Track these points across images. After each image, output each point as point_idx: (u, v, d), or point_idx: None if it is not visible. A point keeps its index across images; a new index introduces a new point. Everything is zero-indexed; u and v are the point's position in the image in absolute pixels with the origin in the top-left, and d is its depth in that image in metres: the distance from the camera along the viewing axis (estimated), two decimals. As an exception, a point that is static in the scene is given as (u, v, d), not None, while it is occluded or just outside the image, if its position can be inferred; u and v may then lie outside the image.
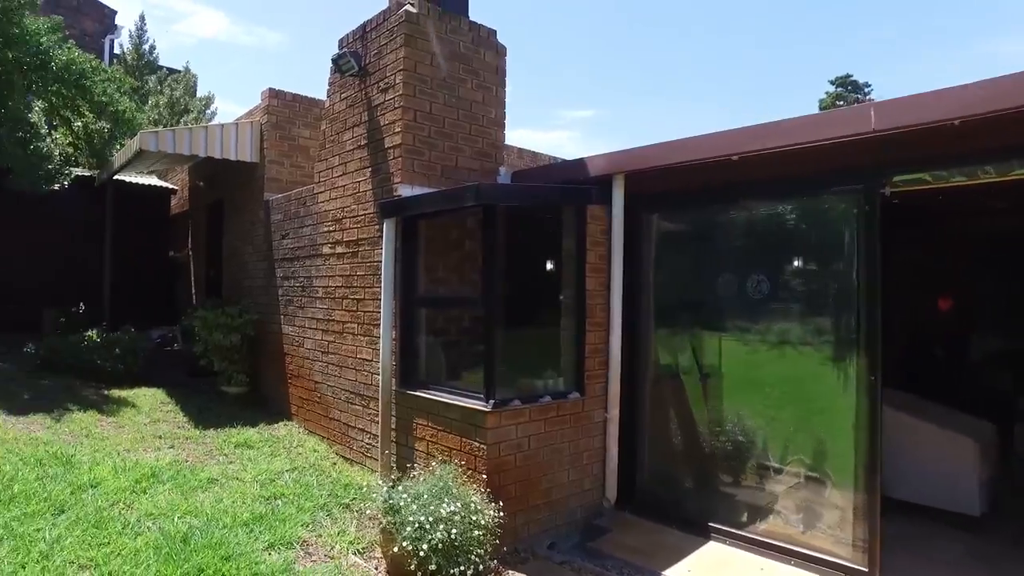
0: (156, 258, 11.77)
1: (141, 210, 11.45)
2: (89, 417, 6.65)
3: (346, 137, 6.33)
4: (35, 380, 7.69)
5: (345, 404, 6.24)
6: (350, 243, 6.18)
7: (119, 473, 5.04)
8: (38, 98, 9.20)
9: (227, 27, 50.96)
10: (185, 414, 7.25)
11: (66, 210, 10.46)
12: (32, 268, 10.38)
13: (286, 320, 7.44)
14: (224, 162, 8.40)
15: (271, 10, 60.01)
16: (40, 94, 9.07)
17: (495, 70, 6.17)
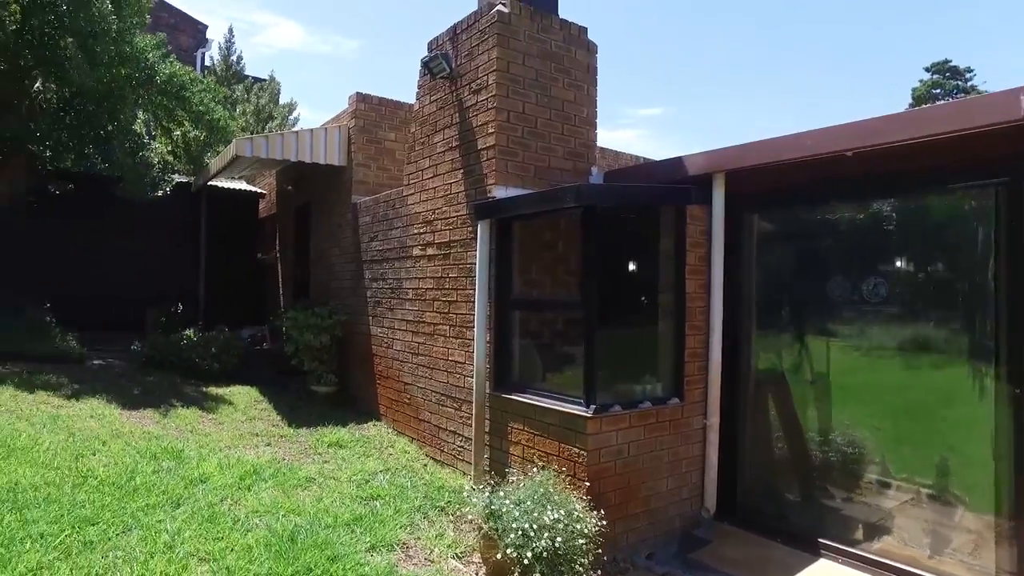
0: (245, 260, 12.20)
1: (232, 214, 11.91)
2: (192, 413, 6.89)
3: (436, 139, 6.34)
4: (143, 376, 8.04)
5: (436, 406, 6.25)
6: (441, 245, 6.19)
7: (224, 470, 5.18)
8: (142, 110, 9.65)
9: (303, 37, 52.73)
10: (278, 412, 7.44)
11: (165, 215, 10.94)
12: (136, 270, 10.92)
13: (374, 321, 7.54)
14: (312, 166, 8.59)
15: (345, 19, 61.68)
16: (145, 106, 9.51)
17: (586, 68, 6.06)
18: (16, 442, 4.80)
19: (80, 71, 8.05)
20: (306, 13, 55.85)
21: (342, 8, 60.47)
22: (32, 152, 9.20)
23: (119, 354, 9.19)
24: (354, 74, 57.38)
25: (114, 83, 8.79)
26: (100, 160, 9.33)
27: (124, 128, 9.13)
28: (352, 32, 61.63)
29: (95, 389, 7.01)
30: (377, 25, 64.51)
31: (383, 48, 66.57)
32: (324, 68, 53.86)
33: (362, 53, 61.78)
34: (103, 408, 6.44)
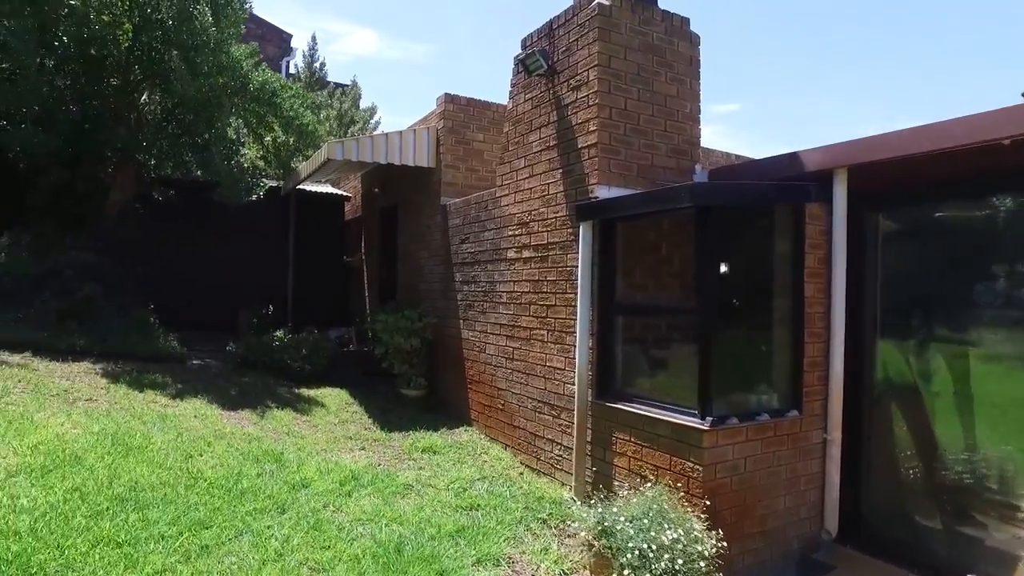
0: (332, 262, 12.42)
1: (319, 217, 12.14)
2: (286, 415, 6.97)
3: (532, 138, 6.18)
4: (239, 377, 8.23)
5: (532, 413, 6.09)
6: (538, 247, 6.02)
7: (324, 474, 5.17)
8: (236, 117, 9.93)
9: (377, 44, 54.05)
10: (369, 415, 7.45)
11: (256, 219, 11.24)
12: (229, 272, 11.26)
13: (465, 325, 7.45)
14: (398, 168, 8.59)
15: (418, 25, 62.72)
16: (238, 114, 9.77)
17: (689, 61, 5.77)
18: (132, 441, 4.91)
19: (183, 82, 8.32)
20: (380, 20, 57.10)
21: (414, 14, 61.54)
22: (139, 161, 9.59)
23: (214, 354, 9.45)
24: (426, 78, 58.29)
25: (211, 92, 9.05)
26: (198, 167, 9.63)
27: (220, 135, 9.41)
28: (423, 37, 62.63)
29: (196, 389, 7.19)
30: (447, 30, 65.34)
31: (453, 52, 67.36)
32: (397, 73, 54.89)
33: (433, 58, 62.72)
34: (205, 408, 6.58)
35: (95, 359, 7.55)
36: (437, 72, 60.01)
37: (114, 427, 5.22)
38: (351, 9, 53.43)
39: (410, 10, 60.72)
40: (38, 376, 6.39)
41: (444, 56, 64.33)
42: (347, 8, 53.00)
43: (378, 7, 56.57)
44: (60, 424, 5.07)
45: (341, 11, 52.49)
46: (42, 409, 5.43)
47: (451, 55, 66.00)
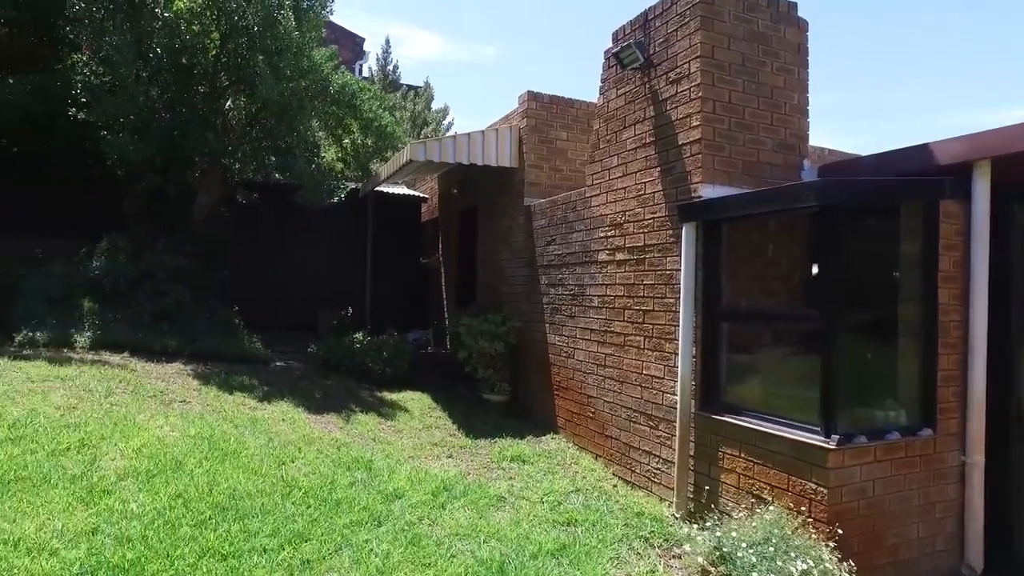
0: (409, 263, 12.42)
1: (396, 218, 12.16)
2: (371, 420, 6.90)
3: (626, 136, 5.90)
4: (321, 380, 8.25)
5: (626, 423, 5.81)
6: (633, 249, 5.74)
7: (415, 484, 5.03)
8: (316, 120, 10.00)
9: (443, 47, 54.59)
10: (453, 421, 7.32)
11: (334, 221, 11.34)
12: (308, 274, 11.41)
13: (552, 329, 7.22)
14: (479, 168, 8.44)
15: (483, 27, 62.97)
16: (318, 116, 9.84)
17: (796, 49, 5.38)
18: (227, 446, 4.90)
19: (268, 86, 8.40)
20: (444, 23, 57.66)
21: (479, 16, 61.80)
22: (224, 166, 9.78)
23: (296, 355, 9.54)
24: (491, 79, 58.53)
25: (293, 96, 9.13)
26: (281, 170, 9.74)
27: (302, 139, 9.49)
28: (490, 40, 62.86)
29: (282, 392, 7.21)
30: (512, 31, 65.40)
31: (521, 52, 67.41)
32: (462, 75, 55.28)
33: (500, 59, 62.96)
34: (292, 411, 6.58)
35: (186, 360, 7.70)
36: (502, 73, 60.16)
37: (209, 431, 5.23)
38: (415, 13, 54.16)
39: (475, 12, 61.05)
40: (136, 377, 6.52)
41: (509, 57, 64.46)
42: (411, 12, 53.76)
43: (443, 10, 57.16)
44: (159, 426, 5.11)
45: (405, 15, 53.26)
46: (142, 411, 5.50)
47: (516, 56, 66.06)
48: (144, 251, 9.29)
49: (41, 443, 4.28)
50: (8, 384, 5.48)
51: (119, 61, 8.62)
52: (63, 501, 3.55)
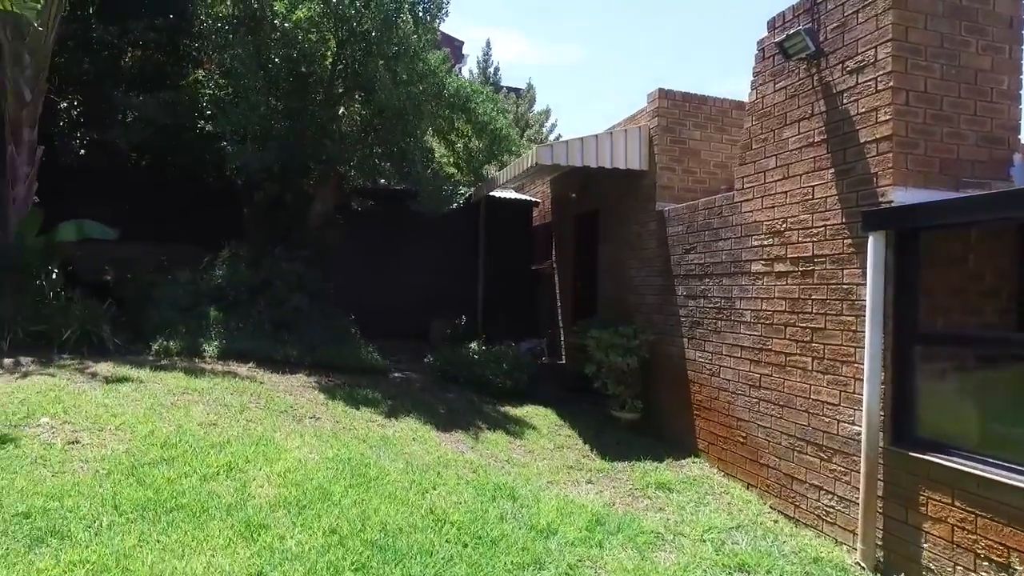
0: (520, 271, 12.09)
1: (507, 224, 11.86)
2: (499, 438, 6.60)
3: (787, 134, 5.32)
4: (442, 392, 8.04)
5: (787, 452, 5.23)
6: (799, 260, 5.15)
7: (565, 517, 4.64)
8: (429, 124, 9.81)
9: (526, 48, 54.54)
10: (584, 440, 6.91)
11: (445, 227, 11.15)
12: (420, 281, 11.27)
13: (691, 344, 6.69)
14: (600, 171, 8.00)
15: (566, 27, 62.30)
16: (431, 120, 9.66)
17: (1008, 23, 4.65)
18: (368, 471, 4.68)
19: (386, 91, 8.27)
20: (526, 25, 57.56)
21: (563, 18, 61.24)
22: (340, 173, 9.77)
23: (411, 365, 9.40)
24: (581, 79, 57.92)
25: (410, 100, 8.98)
26: (399, 176, 9.63)
27: (419, 144, 9.33)
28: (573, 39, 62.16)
29: (405, 406, 7.01)
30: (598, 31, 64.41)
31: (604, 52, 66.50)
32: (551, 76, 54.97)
33: (585, 59, 62.33)
34: (420, 429, 6.35)
35: (308, 371, 7.64)
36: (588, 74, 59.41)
37: (346, 452, 5.03)
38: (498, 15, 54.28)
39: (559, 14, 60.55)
40: (265, 389, 6.47)
41: (594, 57, 63.64)
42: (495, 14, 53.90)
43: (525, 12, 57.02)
44: (298, 447, 4.96)
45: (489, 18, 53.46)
46: (277, 428, 5.39)
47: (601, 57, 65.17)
48: (263, 259, 9.38)
49: (192, 465, 4.17)
50: (154, 397, 5.49)
51: (242, 72, 8.73)
52: (223, 536, 3.37)
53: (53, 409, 4.83)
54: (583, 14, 62.69)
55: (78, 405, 5.02)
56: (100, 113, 11.74)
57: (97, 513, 3.38)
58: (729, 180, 7.70)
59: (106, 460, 4.13)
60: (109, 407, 5.07)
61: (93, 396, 5.29)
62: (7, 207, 8.43)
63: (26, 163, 8.58)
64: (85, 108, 12.15)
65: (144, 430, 4.69)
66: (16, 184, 8.54)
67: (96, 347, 7.22)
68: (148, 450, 4.33)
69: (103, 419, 4.80)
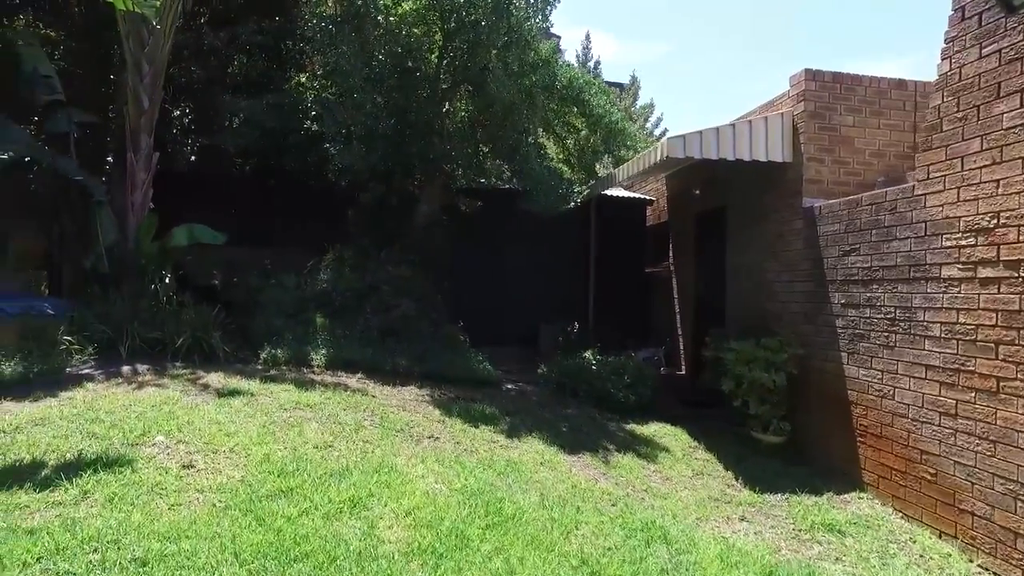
0: (632, 273, 11.30)
1: (618, 223, 11.09)
2: (632, 463, 5.92)
3: (999, 109, 4.38)
4: (560, 407, 7.44)
5: (1002, 498, 4.29)
6: (1015, 264, 4.21)
7: (730, 568, 3.92)
8: (541, 118, 9.24)
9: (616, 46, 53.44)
10: (725, 466, 6.14)
11: (553, 227, 10.57)
12: (527, 285, 10.70)
13: (853, 360, 5.80)
14: (729, 164, 7.16)
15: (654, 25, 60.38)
16: (545, 114, 9.08)
17: None
18: (502, 507, 4.11)
19: (499, 83, 7.76)
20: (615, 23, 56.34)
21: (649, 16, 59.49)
22: (446, 172, 9.36)
23: (522, 375, 8.86)
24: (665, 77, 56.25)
25: (521, 93, 8.44)
26: (510, 174, 9.12)
27: (531, 139, 8.78)
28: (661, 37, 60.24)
29: (525, 424, 6.45)
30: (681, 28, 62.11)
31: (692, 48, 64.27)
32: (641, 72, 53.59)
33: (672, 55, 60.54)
34: (546, 452, 5.76)
35: (418, 382, 7.22)
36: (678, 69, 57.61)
37: (475, 483, 4.49)
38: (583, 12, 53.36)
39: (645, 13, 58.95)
40: (377, 404, 6.06)
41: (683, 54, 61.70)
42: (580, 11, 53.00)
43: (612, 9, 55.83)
44: (422, 476, 4.46)
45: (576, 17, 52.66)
46: (396, 451, 4.93)
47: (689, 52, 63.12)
48: (368, 263, 9.08)
49: (313, 500, 3.73)
50: (266, 414, 5.16)
51: (347, 70, 8.45)
52: (356, 594, 2.88)
53: (168, 426, 4.54)
54: (667, 11, 60.76)
55: (192, 422, 4.72)
56: (209, 119, 11.89)
57: (216, 563, 2.96)
58: (888, 171, 6.73)
59: (222, 491, 3.75)
60: (222, 425, 4.75)
61: (206, 411, 5.00)
62: (127, 213, 8.48)
63: (143, 169, 8.60)
64: (195, 115, 12.36)
65: (259, 453, 4.32)
66: (135, 190, 8.57)
67: (206, 355, 7.05)
68: (265, 479, 3.93)
69: (217, 439, 4.47)
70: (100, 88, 10.95)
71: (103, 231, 8.27)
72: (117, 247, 8.25)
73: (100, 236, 8.24)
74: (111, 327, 6.97)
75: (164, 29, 8.42)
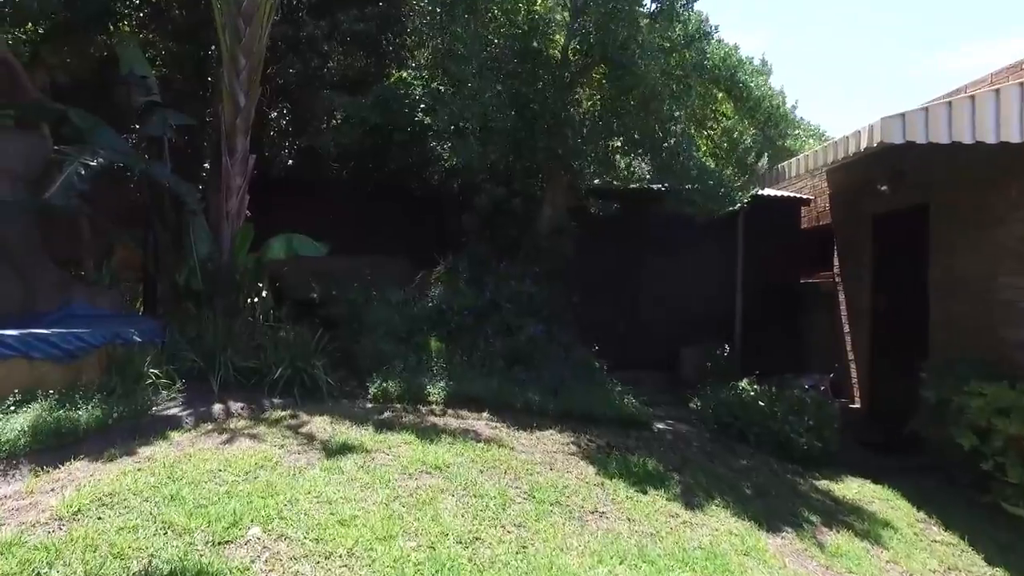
0: (784, 285, 9.60)
1: (766, 227, 9.33)
2: (851, 545, 4.43)
3: None
4: (730, 455, 6.00)
5: None
6: None
7: None
8: (689, 104, 7.77)
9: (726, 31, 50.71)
10: (984, 557, 4.56)
11: (694, 231, 9.08)
12: (664, 299, 9.21)
13: None
14: (930, 152, 5.52)
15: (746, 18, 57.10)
16: (693, 99, 7.63)
17: None
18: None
19: (647, 58, 6.39)
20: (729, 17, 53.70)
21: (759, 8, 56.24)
22: (573, 170, 8.08)
23: (669, 409, 7.46)
24: (776, 67, 53.14)
25: (666, 75, 7.04)
26: (639, 171, 7.75)
27: (678, 128, 7.37)
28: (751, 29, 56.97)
29: (700, 485, 5.06)
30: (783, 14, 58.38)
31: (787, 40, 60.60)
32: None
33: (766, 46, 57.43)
34: (738, 528, 4.37)
35: (556, 423, 5.97)
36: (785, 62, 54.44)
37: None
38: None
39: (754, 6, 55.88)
40: (519, 461, 4.80)
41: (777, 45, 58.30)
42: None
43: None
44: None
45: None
46: (562, 542, 3.66)
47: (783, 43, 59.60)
48: (485, 276, 7.90)
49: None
50: (387, 484, 3.99)
51: (463, 55, 7.32)
52: None
53: (266, 511, 3.42)
54: None
55: (295, 500, 3.61)
56: (306, 121, 11.11)
57: None
58: None
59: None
60: (334, 505, 3.61)
61: (312, 482, 3.87)
62: (221, 222, 7.62)
63: (239, 173, 7.72)
64: (292, 116, 11.61)
65: (386, 557, 3.14)
66: (230, 197, 7.70)
67: (308, 388, 6.03)
68: (401, 609, 2.75)
69: (329, 530, 3.32)
70: (198, 92, 10.32)
71: (197, 242, 7.46)
72: (211, 260, 7.41)
73: (194, 247, 7.43)
74: (203, 354, 6.07)
75: (261, 18, 7.53)
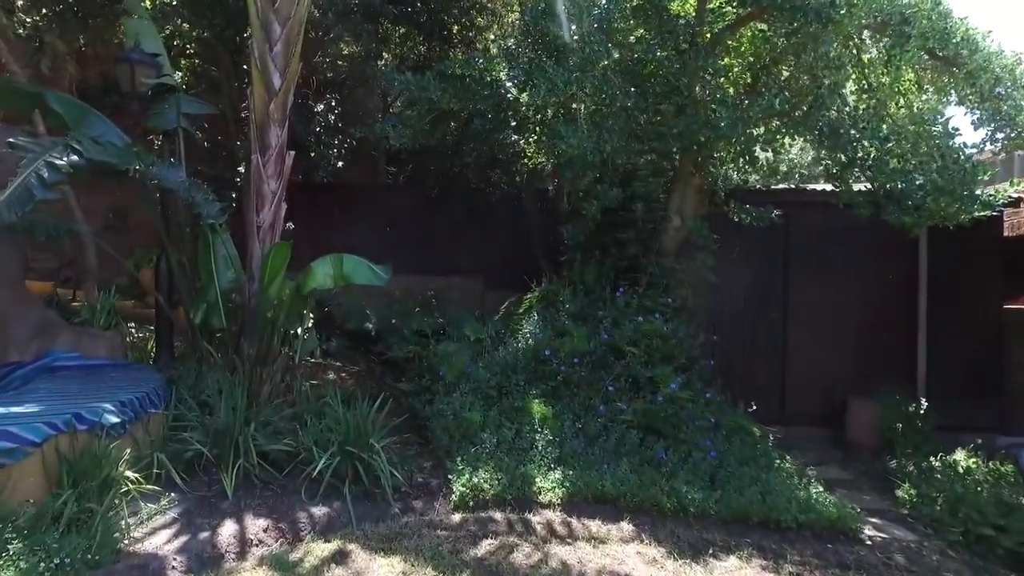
0: (981, 313, 7.20)
1: (959, 239, 6.89)
2: None
3: None
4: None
5: None
6: None
7: None
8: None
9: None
10: None
11: (861, 247, 6.88)
12: (823, 335, 6.90)
13: None
14: None
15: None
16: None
17: None
18: None
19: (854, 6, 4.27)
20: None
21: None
22: (710, 164, 6.00)
23: (853, 491, 5.33)
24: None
25: (864, 27, 4.92)
26: (875, 171, 5.63)
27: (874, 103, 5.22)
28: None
29: None
30: None
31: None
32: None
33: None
34: None
35: (725, 535, 4.02)
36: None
37: None
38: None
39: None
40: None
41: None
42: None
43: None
44: None
45: None
46: None
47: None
48: (599, 308, 5.85)
49: None
50: None
51: (573, 12, 5.34)
52: None
53: None
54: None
55: None
56: (357, 116, 9.33)
57: None
58: None
59: None
60: None
61: None
62: (250, 239, 5.72)
63: (273, 176, 5.78)
64: (342, 109, 9.82)
65: None
66: (262, 206, 5.78)
67: (364, 486, 4.10)
68: None
69: None
70: (233, 83, 8.58)
71: (218, 266, 5.61)
72: (236, 289, 5.57)
73: (215, 273, 5.59)
74: (214, 434, 4.20)
75: (302, -26, 5.66)
